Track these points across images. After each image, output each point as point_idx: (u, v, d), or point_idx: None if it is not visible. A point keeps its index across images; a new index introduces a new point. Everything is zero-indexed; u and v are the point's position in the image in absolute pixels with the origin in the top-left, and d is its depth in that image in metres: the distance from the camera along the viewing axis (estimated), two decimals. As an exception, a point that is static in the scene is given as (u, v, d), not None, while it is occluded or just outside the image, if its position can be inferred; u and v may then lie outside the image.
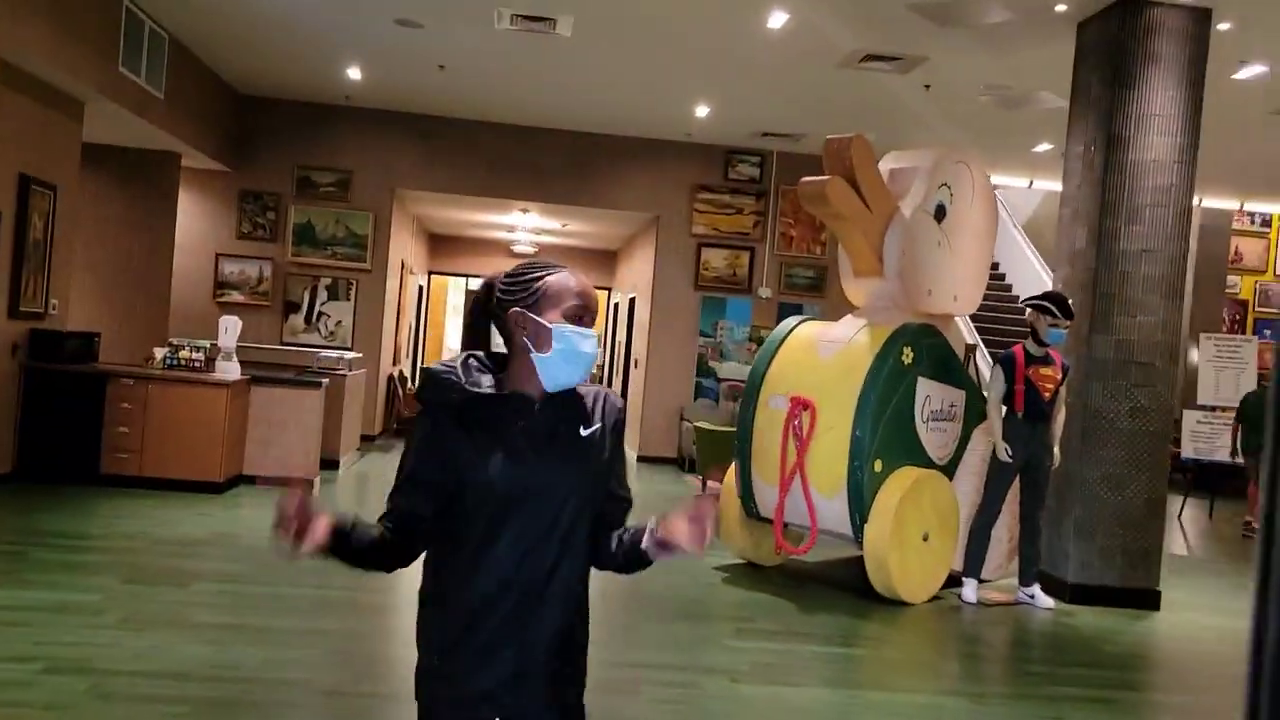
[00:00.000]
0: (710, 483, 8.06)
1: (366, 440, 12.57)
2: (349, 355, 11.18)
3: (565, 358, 1.95)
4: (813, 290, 13.25)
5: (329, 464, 10.07)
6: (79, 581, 5.66)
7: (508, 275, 2.02)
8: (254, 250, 12.61)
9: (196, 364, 8.81)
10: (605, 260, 18.59)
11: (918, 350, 6.87)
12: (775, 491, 6.97)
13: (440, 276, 19.66)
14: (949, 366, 7.19)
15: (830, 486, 6.75)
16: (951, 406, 7.16)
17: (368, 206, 12.72)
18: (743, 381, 13.58)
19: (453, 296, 22.59)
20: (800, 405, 6.86)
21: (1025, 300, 7.19)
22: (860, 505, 6.60)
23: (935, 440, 7.04)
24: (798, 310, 13.06)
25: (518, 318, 1.96)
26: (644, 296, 13.85)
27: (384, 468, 11.26)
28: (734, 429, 11.01)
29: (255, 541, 6.97)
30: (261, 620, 5.28)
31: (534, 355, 1.96)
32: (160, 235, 11.39)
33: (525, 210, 14.07)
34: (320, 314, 12.74)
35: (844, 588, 7.13)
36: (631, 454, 13.46)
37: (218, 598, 5.65)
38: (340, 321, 12.75)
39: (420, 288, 17.58)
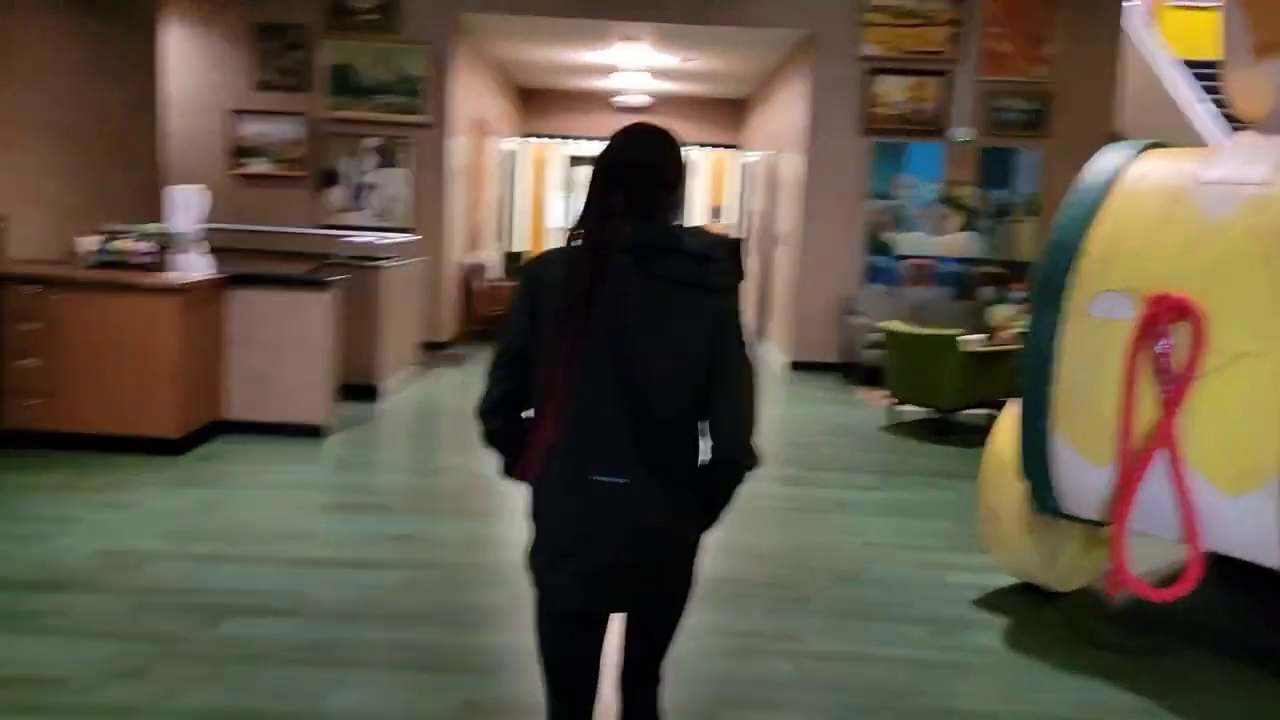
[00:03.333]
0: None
1: (435, 349, 9.61)
2: (395, 239, 8.14)
3: None
4: (1031, 129, 9.48)
5: (363, 392, 7.15)
6: None
7: (677, 145, 2.01)
8: (279, 104, 9.58)
9: (143, 259, 5.86)
10: (732, 112, 15.06)
11: None
12: (1108, 474, 3.65)
13: (537, 141, 16.39)
14: None
15: (1237, 473, 3.38)
16: None
17: (423, 39, 9.48)
18: (930, 259, 9.86)
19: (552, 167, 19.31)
20: (1170, 312, 3.47)
21: None
22: (1317, 516, 3.25)
23: None
24: (1004, 160, 9.46)
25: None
26: (792, 148, 10.33)
27: (460, 390, 8.24)
28: (935, 332, 7.50)
29: (162, 573, 4.03)
30: None
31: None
32: (138, 86, 8.41)
33: (631, 39, 10.60)
34: (368, 186, 9.71)
35: (1247, 657, 3.83)
36: (783, 359, 10.20)
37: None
38: (394, 196, 9.70)
39: (511, 154, 14.36)
